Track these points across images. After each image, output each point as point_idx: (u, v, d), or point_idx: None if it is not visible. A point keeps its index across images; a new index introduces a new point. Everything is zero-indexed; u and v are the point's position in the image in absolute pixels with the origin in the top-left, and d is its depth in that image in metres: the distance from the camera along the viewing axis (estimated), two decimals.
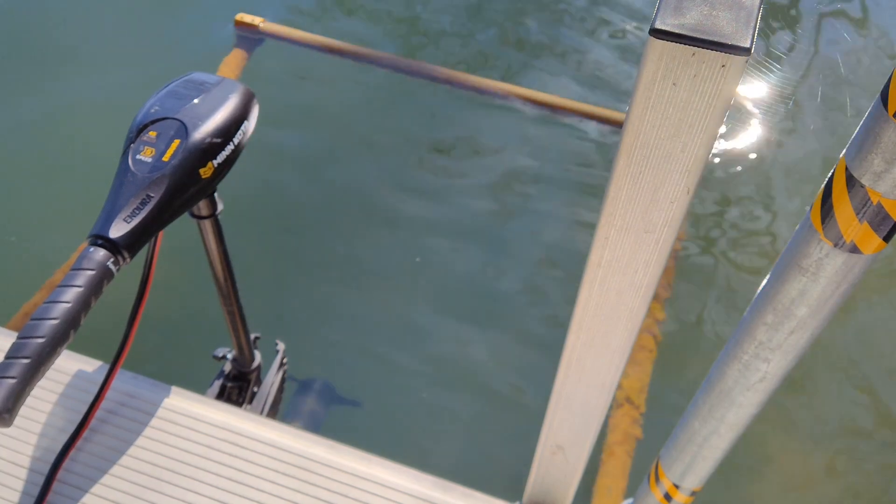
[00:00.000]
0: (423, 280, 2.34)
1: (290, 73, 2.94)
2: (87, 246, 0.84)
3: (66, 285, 0.80)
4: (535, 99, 2.82)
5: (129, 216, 0.85)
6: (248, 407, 1.45)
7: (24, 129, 2.63)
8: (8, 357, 0.76)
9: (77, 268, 0.81)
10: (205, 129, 0.91)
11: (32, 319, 0.78)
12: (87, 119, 2.68)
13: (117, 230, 0.84)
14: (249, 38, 2.96)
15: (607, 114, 2.79)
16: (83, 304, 0.80)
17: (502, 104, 2.82)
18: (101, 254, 0.82)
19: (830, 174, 0.64)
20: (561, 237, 2.48)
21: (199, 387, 1.29)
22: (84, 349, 1.24)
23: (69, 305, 0.79)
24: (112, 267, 0.83)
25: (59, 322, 0.78)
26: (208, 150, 0.91)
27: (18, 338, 0.77)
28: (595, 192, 2.59)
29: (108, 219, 0.84)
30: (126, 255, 0.84)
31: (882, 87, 0.57)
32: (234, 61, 2.86)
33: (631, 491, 1.79)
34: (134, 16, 3.09)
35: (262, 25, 2.95)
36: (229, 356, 1.41)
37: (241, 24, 2.96)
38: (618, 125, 2.75)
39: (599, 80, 2.97)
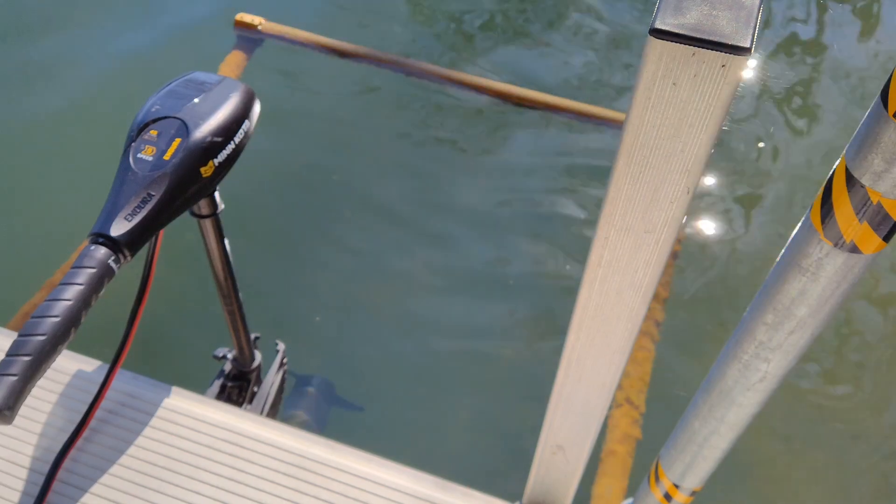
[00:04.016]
0: (427, 277, 2.34)
1: (291, 73, 2.94)
2: (88, 244, 0.84)
3: (67, 283, 0.80)
4: (534, 99, 2.82)
5: (129, 214, 0.85)
6: (248, 407, 1.45)
7: (22, 129, 2.63)
8: (9, 355, 0.76)
9: (78, 266, 0.81)
10: (206, 128, 0.91)
11: (33, 317, 0.78)
12: (85, 118, 2.68)
13: (118, 228, 0.84)
14: (249, 37, 2.96)
15: (607, 114, 2.79)
16: (84, 303, 0.80)
17: (503, 104, 2.82)
18: (102, 252, 0.82)
19: (830, 174, 0.64)
20: (566, 232, 2.48)
21: (199, 387, 1.29)
22: (84, 349, 1.24)
23: (70, 303, 0.79)
24: (113, 265, 0.83)
25: (60, 320, 0.78)
26: (209, 148, 0.91)
27: (19, 335, 0.77)
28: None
29: (109, 217, 0.84)
30: (127, 253, 0.84)
31: (882, 86, 0.57)
32: (234, 61, 2.86)
33: (631, 491, 1.79)
34: (133, 15, 3.10)
35: (262, 25, 2.95)
36: (229, 356, 1.41)
37: (240, 25, 2.96)
38: (618, 125, 2.75)
39: None
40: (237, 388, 1.43)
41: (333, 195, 2.56)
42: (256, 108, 0.99)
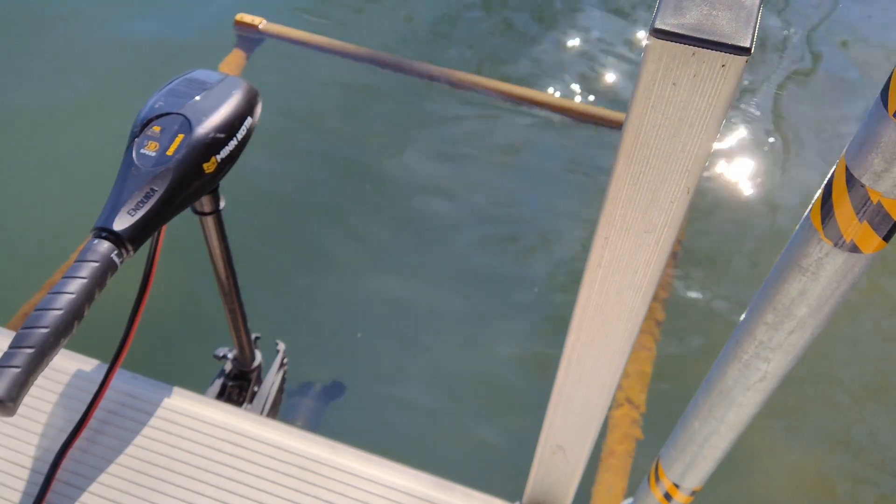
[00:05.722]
0: (427, 276, 2.34)
1: (291, 73, 2.94)
2: (91, 238, 0.84)
3: (70, 276, 0.80)
4: (534, 99, 2.82)
5: (133, 209, 0.85)
6: (249, 406, 1.45)
7: (21, 129, 2.63)
8: (12, 347, 0.76)
9: (81, 259, 0.82)
10: (208, 125, 0.91)
11: (36, 310, 0.78)
12: (85, 120, 2.68)
13: (121, 223, 0.84)
14: (249, 38, 2.96)
15: (607, 114, 2.79)
16: (87, 296, 0.80)
17: (504, 104, 2.82)
18: (105, 246, 0.83)
19: (831, 174, 0.64)
20: (564, 232, 2.49)
21: (199, 387, 1.29)
22: (84, 348, 1.24)
23: (73, 296, 0.79)
24: (116, 259, 0.83)
25: (63, 313, 0.78)
26: (212, 145, 0.91)
27: (22, 328, 0.77)
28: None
29: (112, 211, 0.85)
30: (130, 247, 0.84)
31: (882, 86, 0.57)
32: (234, 61, 2.86)
33: (631, 491, 1.79)
34: (133, 15, 3.10)
35: (262, 25, 2.95)
36: (230, 355, 1.41)
37: (241, 24, 2.96)
38: (618, 125, 2.75)
39: None
40: (237, 387, 1.43)
41: (332, 194, 2.56)
42: (259, 105, 0.99)
